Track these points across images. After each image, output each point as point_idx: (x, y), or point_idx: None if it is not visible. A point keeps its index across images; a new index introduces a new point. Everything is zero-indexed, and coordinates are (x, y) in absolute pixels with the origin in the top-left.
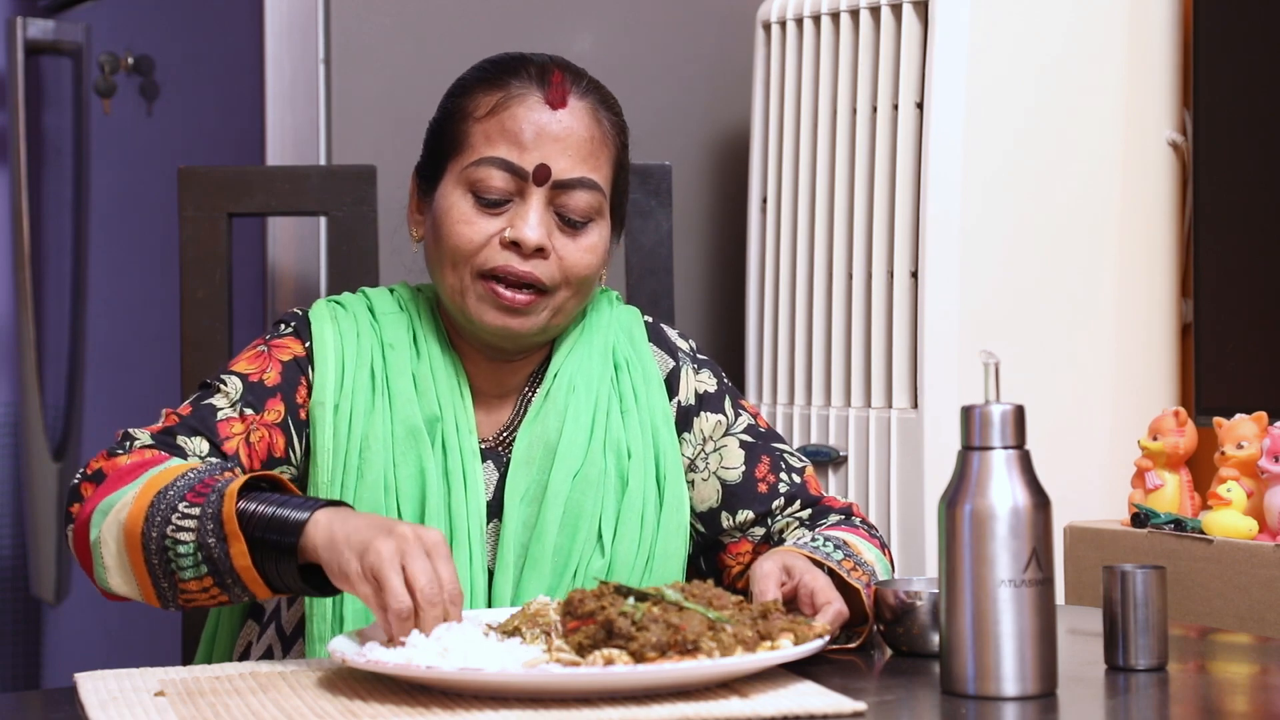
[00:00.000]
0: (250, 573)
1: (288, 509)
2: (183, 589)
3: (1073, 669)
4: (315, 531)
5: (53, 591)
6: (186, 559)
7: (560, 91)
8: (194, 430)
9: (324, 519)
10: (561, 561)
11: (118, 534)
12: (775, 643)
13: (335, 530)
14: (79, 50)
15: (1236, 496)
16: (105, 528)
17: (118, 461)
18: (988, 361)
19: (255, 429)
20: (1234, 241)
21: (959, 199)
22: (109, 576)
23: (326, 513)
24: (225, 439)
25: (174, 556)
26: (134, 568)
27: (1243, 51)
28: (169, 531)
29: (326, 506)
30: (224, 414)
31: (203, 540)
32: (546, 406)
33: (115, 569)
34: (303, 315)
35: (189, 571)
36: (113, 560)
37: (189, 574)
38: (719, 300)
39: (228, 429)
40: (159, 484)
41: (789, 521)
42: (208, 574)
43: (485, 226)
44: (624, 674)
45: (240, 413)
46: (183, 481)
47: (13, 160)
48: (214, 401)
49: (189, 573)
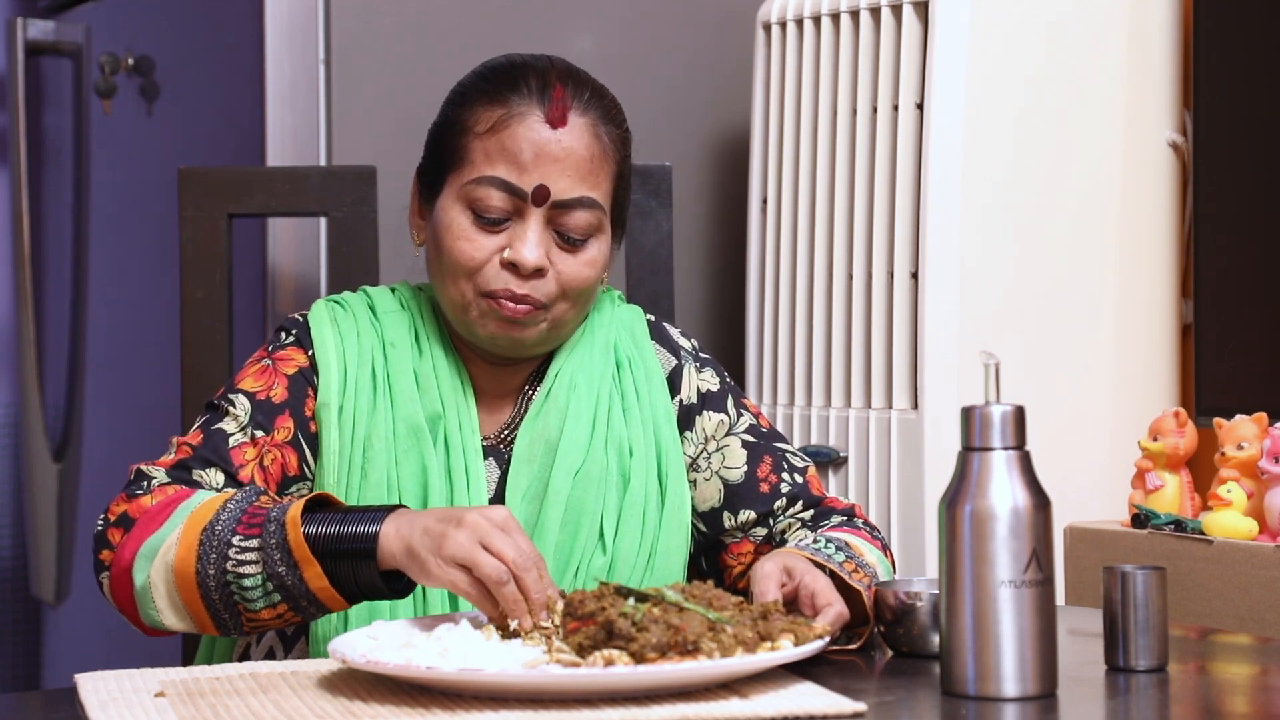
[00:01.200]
0: (328, 592)
1: (352, 524)
2: (251, 618)
3: (1073, 669)
4: (388, 543)
5: (53, 591)
6: (254, 590)
7: (561, 109)
8: (207, 461)
9: (392, 529)
10: (563, 559)
11: (167, 575)
12: (775, 644)
13: (406, 535)
14: (79, 50)
15: (1237, 497)
16: (154, 572)
17: (142, 503)
18: (988, 362)
19: (267, 451)
20: (1234, 241)
21: (959, 199)
22: (162, 618)
23: (393, 521)
24: (239, 467)
25: (238, 590)
26: (188, 606)
27: (1243, 51)
28: (229, 567)
29: (389, 515)
30: (235, 440)
31: (271, 570)
32: (548, 404)
33: (168, 609)
34: (303, 322)
35: (259, 602)
36: (164, 602)
37: (259, 604)
38: (719, 301)
39: (240, 456)
40: (201, 519)
41: (791, 522)
42: (281, 601)
43: (485, 244)
44: (624, 675)
45: (251, 436)
46: (226, 515)
47: (13, 160)
48: (224, 426)
49: (259, 603)
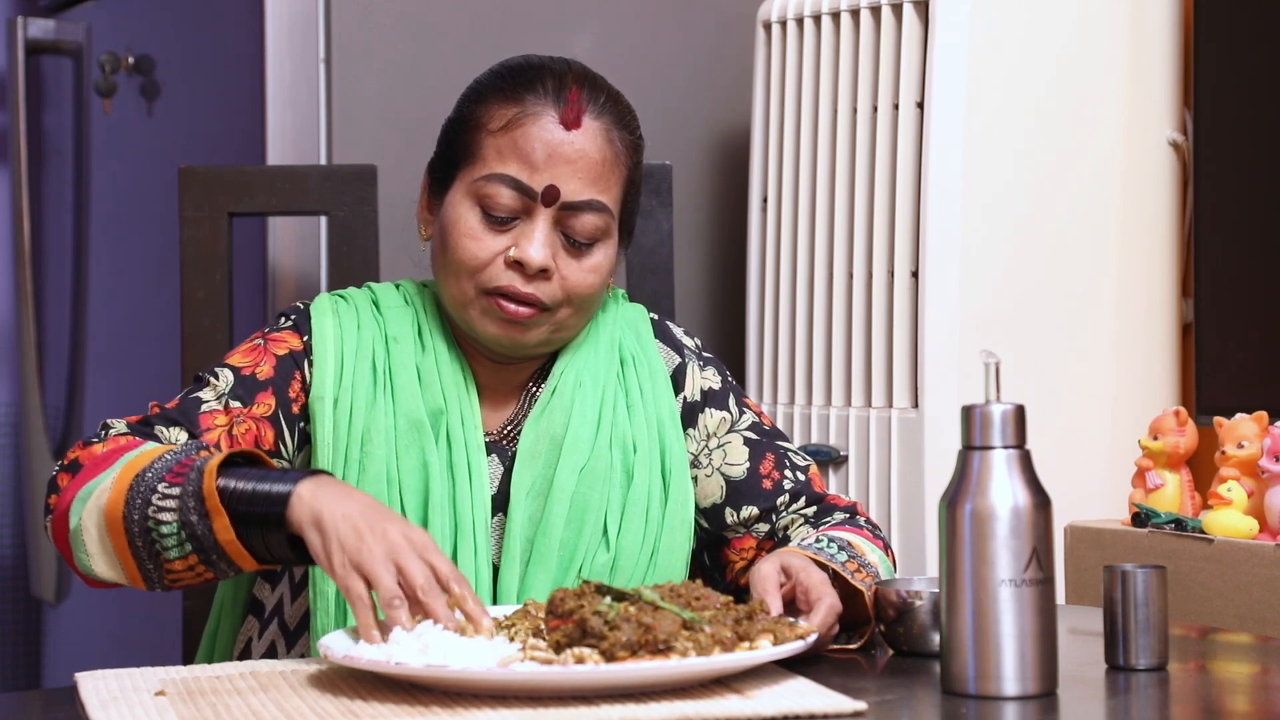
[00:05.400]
0: (234, 545)
1: (269, 482)
2: (168, 569)
3: (1073, 669)
4: (300, 506)
5: (53, 591)
6: (170, 538)
7: (575, 111)
8: (173, 421)
9: (308, 492)
10: (567, 556)
11: (99, 519)
12: (754, 644)
13: (321, 508)
14: (79, 50)
15: (1237, 496)
16: (85, 514)
17: (93, 450)
18: (988, 361)
19: (241, 420)
20: (1234, 241)
21: (959, 199)
22: (92, 563)
23: (310, 485)
24: (205, 430)
25: (157, 537)
26: (117, 552)
27: (1243, 51)
28: (150, 513)
29: (308, 478)
30: (208, 406)
31: (185, 518)
32: (553, 402)
33: (98, 555)
34: (304, 309)
35: (174, 551)
36: (95, 546)
37: (174, 553)
38: (719, 300)
39: (209, 420)
40: (137, 467)
41: (794, 518)
42: (192, 551)
43: (491, 243)
44: (590, 673)
45: (225, 405)
46: (160, 463)
47: (13, 160)
48: (201, 395)
49: (174, 552)
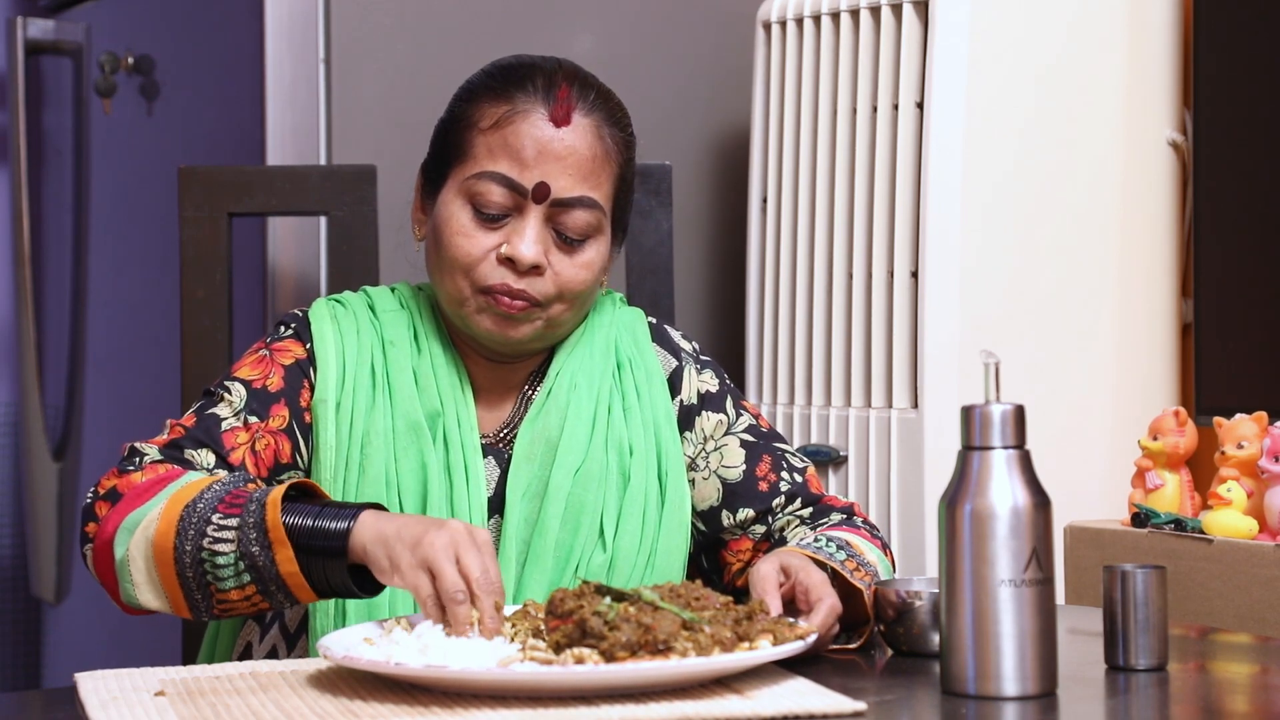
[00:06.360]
0: (296, 578)
1: (331, 513)
2: (221, 599)
3: (1073, 669)
4: (361, 532)
5: (53, 591)
6: (226, 569)
7: (565, 108)
8: (199, 442)
9: (369, 520)
10: (563, 557)
11: (146, 550)
12: (754, 644)
13: (383, 528)
14: (79, 50)
15: (1237, 496)
16: (133, 545)
17: (132, 479)
18: (988, 361)
19: (260, 436)
20: (1234, 241)
21: (959, 199)
22: (138, 593)
23: (370, 515)
24: (230, 450)
25: (211, 568)
26: (164, 582)
27: (1243, 51)
28: (205, 544)
29: (368, 509)
30: (228, 424)
31: (245, 550)
32: (548, 404)
33: (144, 585)
34: (302, 316)
35: (229, 581)
36: (142, 577)
37: (229, 584)
38: (719, 300)
39: (232, 439)
40: (185, 498)
41: (790, 519)
42: (250, 582)
43: (483, 241)
44: (589, 673)
45: (244, 421)
46: (210, 494)
47: (13, 160)
48: (218, 411)
49: (229, 582)
